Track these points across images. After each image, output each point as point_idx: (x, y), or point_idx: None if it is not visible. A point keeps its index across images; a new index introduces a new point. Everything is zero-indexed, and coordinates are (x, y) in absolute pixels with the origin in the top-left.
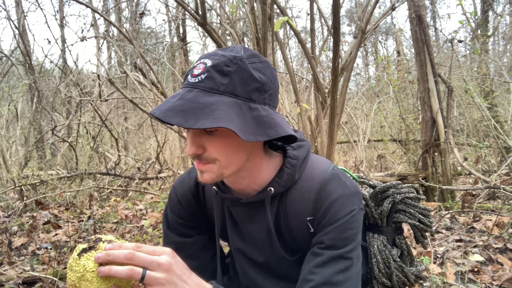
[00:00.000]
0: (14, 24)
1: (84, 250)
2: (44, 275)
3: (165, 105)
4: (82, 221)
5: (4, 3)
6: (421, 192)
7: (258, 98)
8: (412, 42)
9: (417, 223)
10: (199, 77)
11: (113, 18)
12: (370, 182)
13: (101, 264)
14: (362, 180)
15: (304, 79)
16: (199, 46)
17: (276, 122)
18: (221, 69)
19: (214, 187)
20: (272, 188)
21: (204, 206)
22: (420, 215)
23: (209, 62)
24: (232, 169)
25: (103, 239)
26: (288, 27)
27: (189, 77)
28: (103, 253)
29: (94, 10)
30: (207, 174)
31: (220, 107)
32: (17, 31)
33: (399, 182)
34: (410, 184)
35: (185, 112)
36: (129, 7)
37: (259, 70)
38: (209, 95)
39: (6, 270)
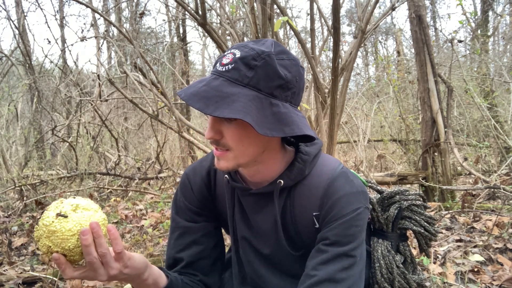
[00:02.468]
0: (14, 24)
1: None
2: (44, 275)
3: (191, 88)
4: None
5: (4, 3)
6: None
7: (280, 94)
8: (412, 42)
9: (422, 231)
10: (227, 67)
11: (113, 18)
12: (378, 187)
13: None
14: (370, 184)
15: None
16: (199, 46)
17: (294, 120)
18: (248, 62)
19: (226, 175)
20: (281, 181)
21: (215, 194)
22: (425, 223)
23: (238, 53)
24: (246, 160)
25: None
26: (288, 27)
27: (217, 64)
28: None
29: (94, 10)
30: (223, 162)
31: (241, 99)
32: (17, 31)
33: (406, 188)
34: (418, 192)
35: (207, 98)
36: (129, 7)
37: (285, 67)
38: (232, 85)
39: (6, 270)
